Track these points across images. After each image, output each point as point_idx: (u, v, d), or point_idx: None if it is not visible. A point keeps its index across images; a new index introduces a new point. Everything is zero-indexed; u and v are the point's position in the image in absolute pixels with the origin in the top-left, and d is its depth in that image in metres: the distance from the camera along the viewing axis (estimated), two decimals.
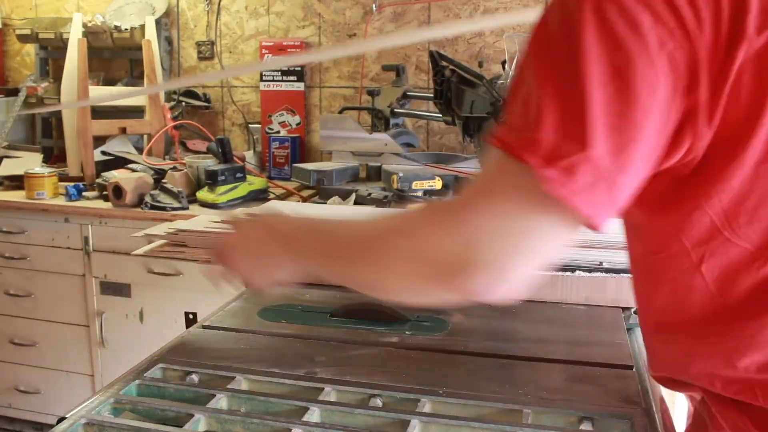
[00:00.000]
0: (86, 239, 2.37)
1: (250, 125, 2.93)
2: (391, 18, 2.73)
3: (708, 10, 0.56)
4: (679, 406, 1.75)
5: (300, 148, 2.81)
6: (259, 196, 2.34)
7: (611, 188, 0.58)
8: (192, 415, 0.78)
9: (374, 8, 2.71)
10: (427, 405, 0.80)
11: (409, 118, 2.65)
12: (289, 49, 2.81)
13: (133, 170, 2.43)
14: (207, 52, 2.98)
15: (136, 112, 2.80)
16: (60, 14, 3.13)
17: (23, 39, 3.04)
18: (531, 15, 0.67)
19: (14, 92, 3.01)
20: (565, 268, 1.12)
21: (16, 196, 2.45)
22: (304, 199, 2.31)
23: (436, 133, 2.76)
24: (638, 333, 1.06)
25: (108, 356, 2.43)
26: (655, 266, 0.69)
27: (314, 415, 0.78)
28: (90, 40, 2.72)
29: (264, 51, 2.83)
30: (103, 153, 2.68)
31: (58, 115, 2.76)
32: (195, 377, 0.88)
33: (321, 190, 2.27)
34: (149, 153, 2.63)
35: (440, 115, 2.21)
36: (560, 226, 0.61)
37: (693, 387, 0.71)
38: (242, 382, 0.87)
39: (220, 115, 3.03)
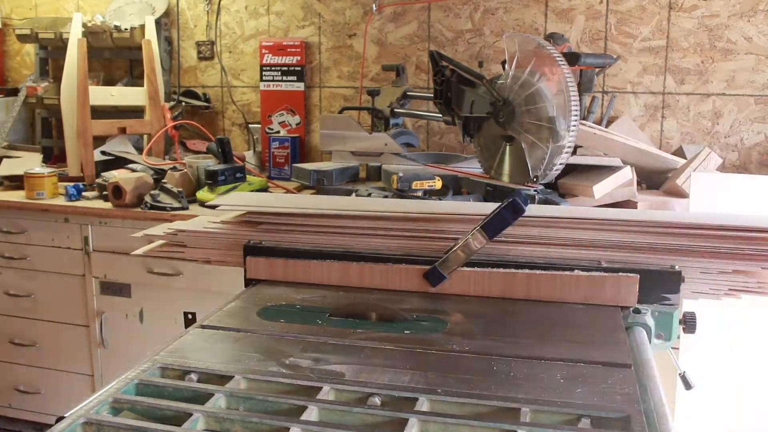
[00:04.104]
0: (86, 239, 2.37)
1: (250, 125, 2.93)
2: (391, 18, 2.73)
3: None
4: (677, 405, 1.76)
5: (300, 148, 2.81)
6: None
7: None
8: (191, 415, 0.78)
9: (374, 8, 2.72)
10: (425, 404, 0.80)
11: (409, 118, 2.65)
12: (289, 49, 2.81)
13: (133, 170, 2.43)
14: (207, 52, 2.98)
15: (136, 112, 2.80)
16: (60, 14, 3.14)
17: (23, 39, 3.04)
18: None
19: (14, 92, 3.01)
20: (564, 267, 1.12)
21: (16, 196, 2.46)
22: None
23: (436, 133, 2.76)
24: (636, 332, 1.06)
25: (108, 356, 2.43)
26: None
27: (312, 414, 0.78)
28: (90, 40, 2.72)
29: (264, 51, 2.83)
30: (103, 153, 2.68)
31: (57, 115, 2.76)
32: (194, 376, 0.88)
33: (321, 190, 2.27)
34: (149, 153, 2.63)
35: (440, 115, 2.21)
36: None
37: None
38: (241, 382, 0.87)
39: (220, 115, 3.03)
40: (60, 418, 0.77)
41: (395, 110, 2.49)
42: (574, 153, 2.02)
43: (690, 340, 1.78)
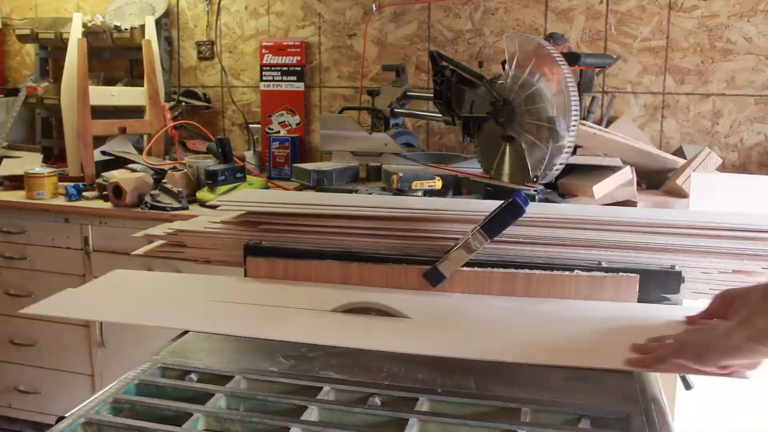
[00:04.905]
0: (86, 239, 2.37)
1: (250, 125, 2.93)
2: (391, 18, 2.73)
3: None
4: (677, 405, 1.76)
5: (300, 148, 2.81)
6: None
7: None
8: (191, 415, 0.78)
9: (374, 8, 2.72)
10: (425, 404, 0.80)
11: (409, 118, 2.65)
12: (289, 49, 2.81)
13: (133, 170, 2.43)
14: (207, 52, 2.98)
15: (136, 112, 2.80)
16: (60, 14, 3.14)
17: (23, 39, 3.04)
18: None
19: (14, 92, 3.01)
20: (564, 268, 1.12)
21: (16, 196, 2.46)
22: None
23: (436, 133, 2.76)
24: None
25: (108, 356, 2.43)
26: None
27: (313, 414, 0.78)
28: (90, 40, 2.72)
29: (264, 51, 2.83)
30: (103, 153, 2.68)
31: (58, 115, 2.76)
32: (194, 376, 0.88)
33: (321, 190, 2.27)
34: (149, 153, 2.63)
35: (440, 115, 2.21)
36: None
37: None
38: (241, 382, 0.87)
39: (220, 115, 3.03)
40: (60, 418, 0.77)
41: (395, 110, 2.49)
42: (574, 153, 2.02)
43: None
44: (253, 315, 1.08)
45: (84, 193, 2.42)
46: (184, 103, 2.93)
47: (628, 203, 1.98)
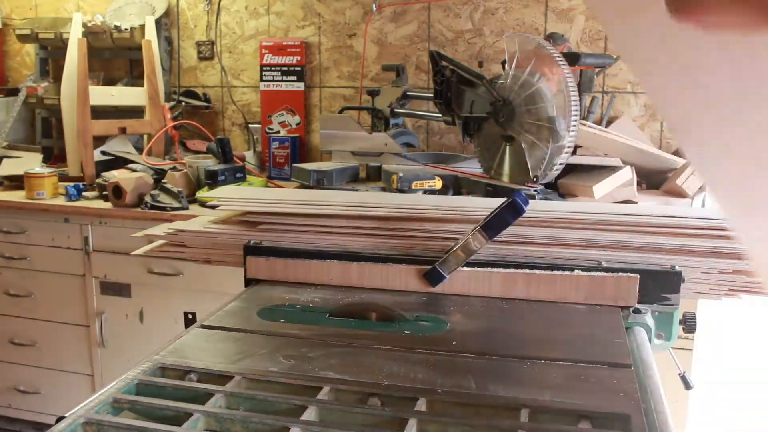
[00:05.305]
0: (86, 239, 2.37)
1: (250, 125, 2.93)
2: (391, 18, 2.73)
3: None
4: (678, 405, 1.76)
5: (300, 148, 2.81)
6: None
7: None
8: (191, 414, 0.78)
9: (374, 8, 2.72)
10: (425, 404, 0.80)
11: (409, 118, 2.65)
12: (289, 49, 2.81)
13: (133, 170, 2.43)
14: (207, 52, 2.98)
15: (136, 112, 2.80)
16: (60, 14, 3.14)
17: (23, 39, 3.04)
18: None
19: (14, 92, 3.01)
20: (563, 267, 1.12)
21: (16, 196, 2.46)
22: None
23: (436, 133, 2.76)
24: (637, 332, 1.06)
25: (108, 356, 2.43)
26: None
27: (312, 414, 0.78)
28: (90, 40, 2.72)
29: (264, 51, 2.83)
30: (103, 153, 2.68)
31: (58, 115, 2.77)
32: (194, 376, 0.88)
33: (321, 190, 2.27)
34: (149, 153, 2.63)
35: (440, 115, 2.21)
36: None
37: None
38: (241, 382, 0.87)
39: (220, 115, 3.03)
40: (60, 418, 0.77)
41: (395, 110, 2.49)
42: (574, 153, 2.02)
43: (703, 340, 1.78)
44: None
45: (84, 193, 2.42)
46: (184, 103, 2.93)
47: (628, 203, 1.98)
